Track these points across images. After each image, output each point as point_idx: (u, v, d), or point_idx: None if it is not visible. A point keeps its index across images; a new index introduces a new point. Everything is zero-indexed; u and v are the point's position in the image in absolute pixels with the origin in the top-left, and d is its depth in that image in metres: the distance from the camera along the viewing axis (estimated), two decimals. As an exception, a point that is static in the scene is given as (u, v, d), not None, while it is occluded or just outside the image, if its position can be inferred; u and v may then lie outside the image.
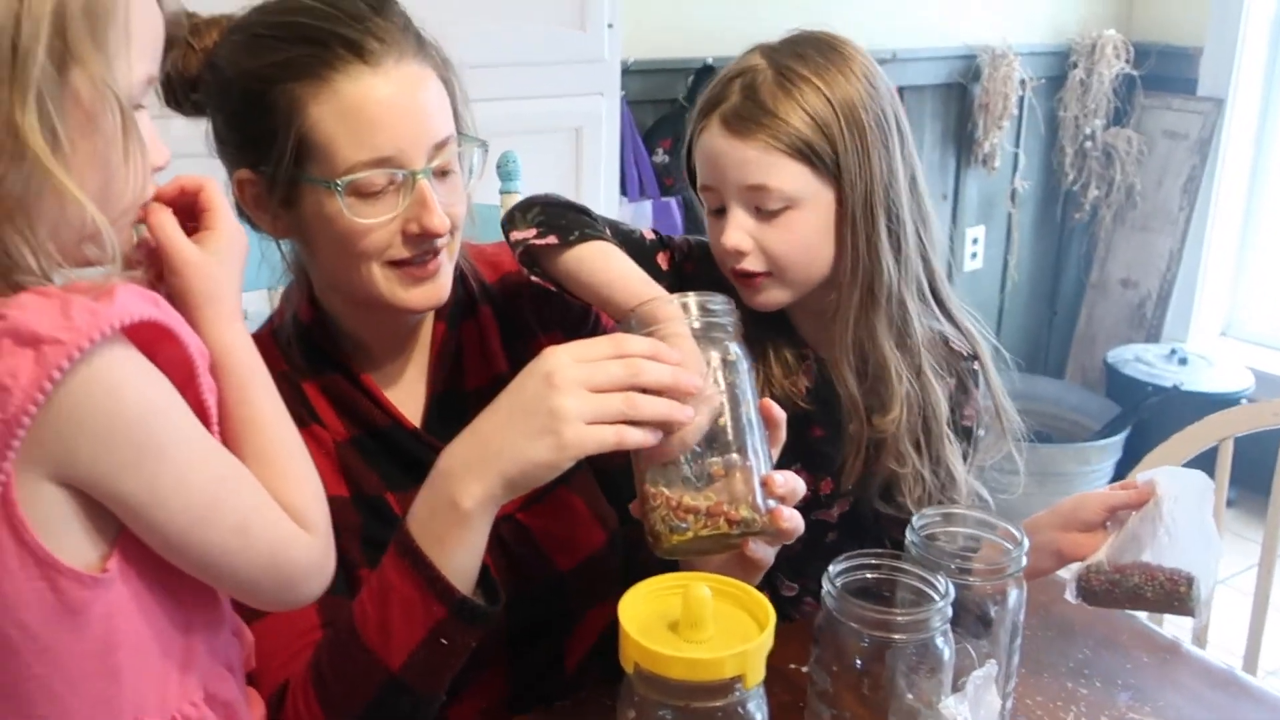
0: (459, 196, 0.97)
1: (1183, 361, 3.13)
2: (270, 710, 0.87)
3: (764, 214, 1.05)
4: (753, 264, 1.06)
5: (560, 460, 0.80)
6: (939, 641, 0.81)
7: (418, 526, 0.84)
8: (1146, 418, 2.98)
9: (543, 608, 1.03)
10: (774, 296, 1.08)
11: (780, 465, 0.89)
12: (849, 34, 1.10)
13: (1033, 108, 3.24)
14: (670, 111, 2.50)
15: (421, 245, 0.94)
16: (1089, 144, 3.32)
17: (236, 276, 0.79)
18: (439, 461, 0.85)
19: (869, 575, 0.85)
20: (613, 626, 0.70)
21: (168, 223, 0.76)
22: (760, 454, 0.86)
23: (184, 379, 0.70)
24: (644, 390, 0.81)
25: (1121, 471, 2.99)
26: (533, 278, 1.02)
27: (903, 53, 2.84)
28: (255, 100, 0.90)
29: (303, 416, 0.97)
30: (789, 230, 1.05)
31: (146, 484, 0.65)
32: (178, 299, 0.76)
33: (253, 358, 0.78)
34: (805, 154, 1.03)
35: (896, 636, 0.79)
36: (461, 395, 1.05)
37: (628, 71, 2.23)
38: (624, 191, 2.33)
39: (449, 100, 0.96)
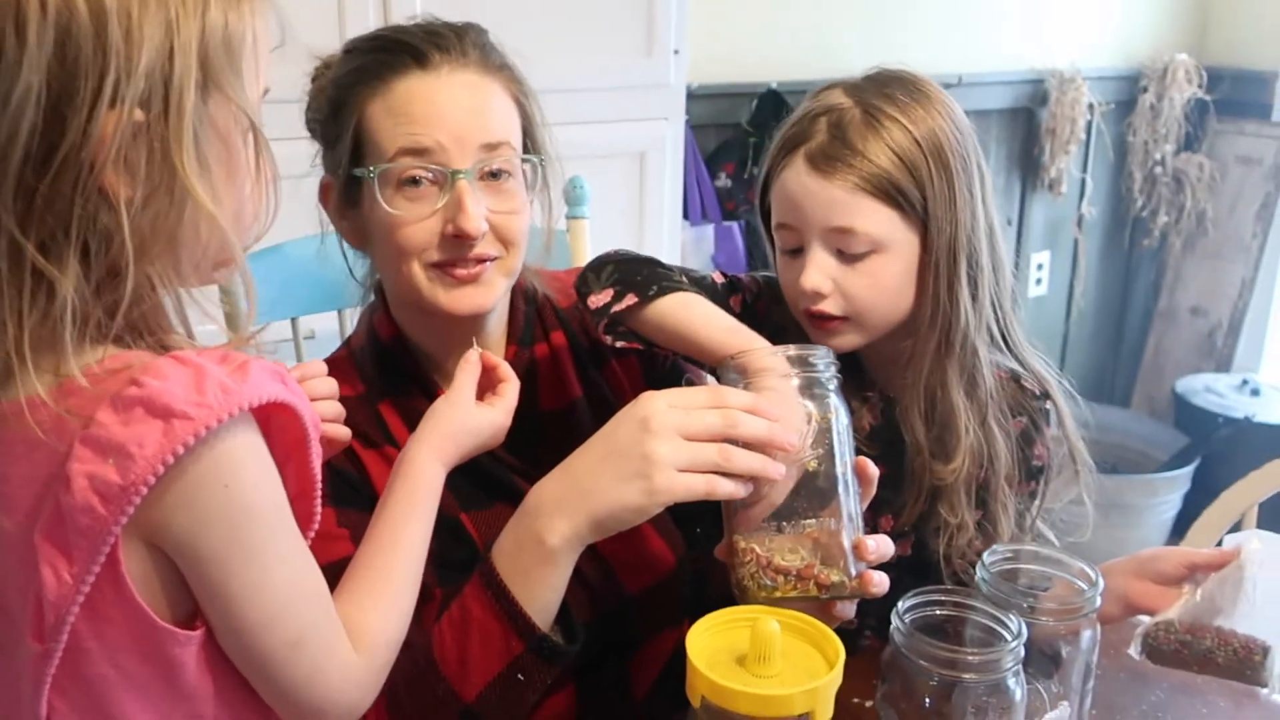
0: (514, 207, 0.98)
1: (1255, 392, 3.06)
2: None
3: (846, 257, 1.01)
4: (830, 307, 1.03)
5: (649, 505, 0.81)
6: (1010, 682, 0.80)
7: (503, 560, 0.85)
8: (1217, 449, 2.92)
9: (609, 631, 1.03)
10: (848, 341, 1.05)
11: None
12: (914, 58, 1.09)
13: (1101, 132, 3.20)
14: (733, 136, 2.51)
15: (458, 249, 0.95)
16: (1159, 169, 3.27)
17: (471, 433, 0.88)
18: (528, 497, 0.86)
19: (938, 612, 0.84)
20: (678, 654, 0.70)
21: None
22: (854, 516, 0.85)
23: (294, 445, 0.71)
24: (739, 443, 0.81)
25: (1190, 504, 2.92)
26: (618, 344, 1.02)
27: (969, 77, 2.82)
28: (335, 107, 0.97)
29: (376, 438, 0.98)
30: (871, 275, 1.02)
31: (228, 575, 0.66)
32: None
33: (429, 495, 0.85)
34: (893, 197, 1.00)
35: (966, 676, 0.79)
36: (537, 416, 1.05)
37: (691, 96, 2.24)
38: (686, 215, 2.34)
39: (516, 116, 0.99)
